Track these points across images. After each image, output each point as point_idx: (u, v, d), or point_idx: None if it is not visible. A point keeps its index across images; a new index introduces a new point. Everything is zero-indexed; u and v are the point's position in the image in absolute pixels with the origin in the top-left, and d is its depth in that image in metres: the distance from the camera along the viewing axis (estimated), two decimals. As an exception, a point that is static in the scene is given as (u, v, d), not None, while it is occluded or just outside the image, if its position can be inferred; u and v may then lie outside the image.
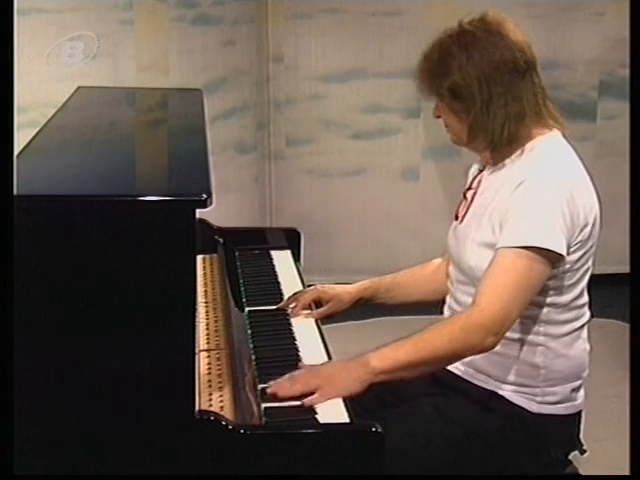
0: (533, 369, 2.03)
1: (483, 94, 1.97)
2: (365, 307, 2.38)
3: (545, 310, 2.01)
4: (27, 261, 1.57)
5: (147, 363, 1.63)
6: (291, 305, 2.27)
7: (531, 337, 2.02)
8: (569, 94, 4.29)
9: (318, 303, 2.29)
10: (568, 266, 1.98)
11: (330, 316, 2.28)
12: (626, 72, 4.00)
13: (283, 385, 1.83)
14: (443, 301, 2.22)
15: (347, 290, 2.32)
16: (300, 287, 2.43)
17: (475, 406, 2.05)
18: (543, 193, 1.94)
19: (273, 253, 2.62)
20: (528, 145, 2.02)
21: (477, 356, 1.98)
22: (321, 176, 4.29)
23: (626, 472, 1.79)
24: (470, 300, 1.99)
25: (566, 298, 2.02)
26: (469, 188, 2.15)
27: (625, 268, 2.42)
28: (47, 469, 1.66)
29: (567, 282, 2.00)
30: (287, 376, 1.86)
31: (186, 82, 3.65)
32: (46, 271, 1.59)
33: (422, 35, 2.49)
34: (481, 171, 2.14)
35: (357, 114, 4.21)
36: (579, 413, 2.11)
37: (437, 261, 2.34)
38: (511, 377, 2.03)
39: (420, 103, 3.85)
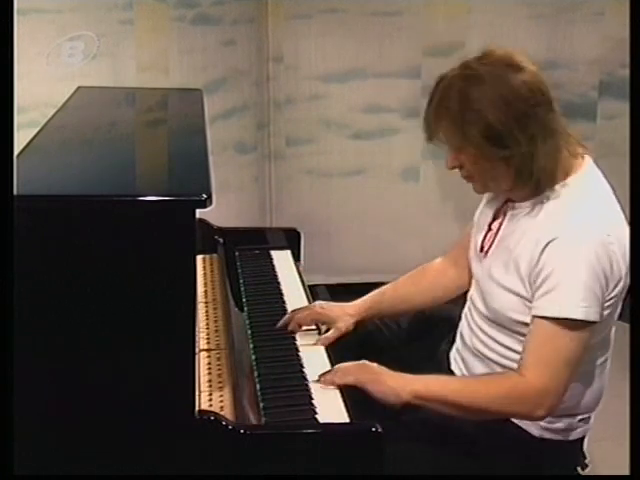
0: None
1: (525, 133, 1.80)
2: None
3: None
4: (27, 261, 1.57)
5: (147, 363, 1.63)
6: (289, 327, 2.16)
7: None
8: (569, 94, 4.28)
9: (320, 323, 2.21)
10: None
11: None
12: (626, 72, 4.00)
13: (336, 375, 1.89)
14: (463, 305, 2.15)
15: (348, 312, 2.19)
16: (300, 287, 2.44)
17: (476, 426, 1.96)
18: (578, 254, 1.81)
19: (273, 253, 2.62)
20: (558, 185, 1.88)
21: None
22: (321, 176, 4.28)
23: (626, 472, 1.78)
24: (489, 330, 1.99)
25: (596, 339, 1.92)
26: (494, 219, 2.03)
27: (625, 268, 2.40)
28: (47, 469, 1.66)
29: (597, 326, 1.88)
30: (335, 368, 1.91)
31: (186, 82, 3.65)
32: (46, 271, 1.59)
33: (422, 35, 2.50)
34: (505, 202, 2.00)
35: (357, 114, 4.20)
36: (583, 437, 2.06)
37: (437, 262, 2.27)
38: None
39: (420, 103, 3.84)
